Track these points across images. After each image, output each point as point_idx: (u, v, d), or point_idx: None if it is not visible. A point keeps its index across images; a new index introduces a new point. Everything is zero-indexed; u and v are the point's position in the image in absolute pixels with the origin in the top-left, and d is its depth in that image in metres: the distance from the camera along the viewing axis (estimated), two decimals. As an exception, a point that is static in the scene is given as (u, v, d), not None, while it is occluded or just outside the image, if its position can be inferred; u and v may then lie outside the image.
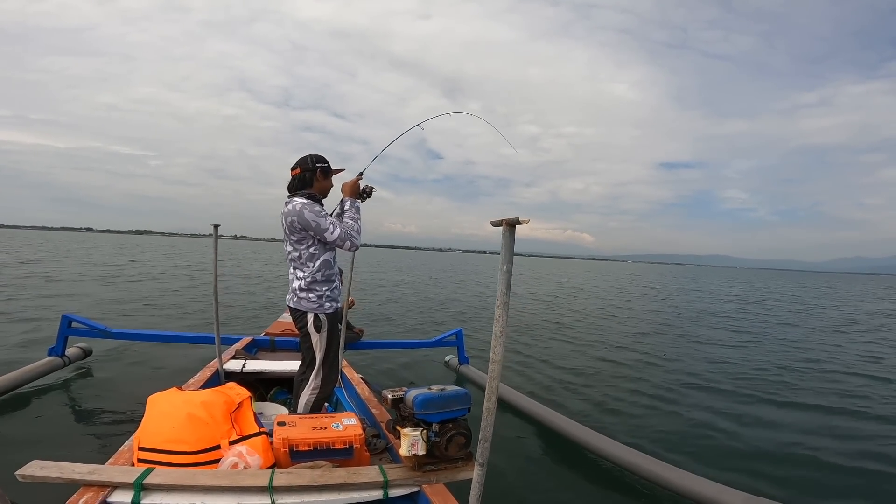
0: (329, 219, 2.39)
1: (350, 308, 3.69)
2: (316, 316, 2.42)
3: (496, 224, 1.14)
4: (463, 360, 5.16)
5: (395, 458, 2.13)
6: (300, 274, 2.44)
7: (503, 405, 4.06)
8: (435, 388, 1.81)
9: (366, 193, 2.61)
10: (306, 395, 2.49)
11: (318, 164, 2.46)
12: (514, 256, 1.17)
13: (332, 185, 2.54)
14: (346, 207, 2.51)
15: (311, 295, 2.42)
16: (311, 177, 2.46)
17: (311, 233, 2.36)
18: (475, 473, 1.33)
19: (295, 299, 2.46)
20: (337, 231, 2.36)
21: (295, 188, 2.46)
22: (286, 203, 2.42)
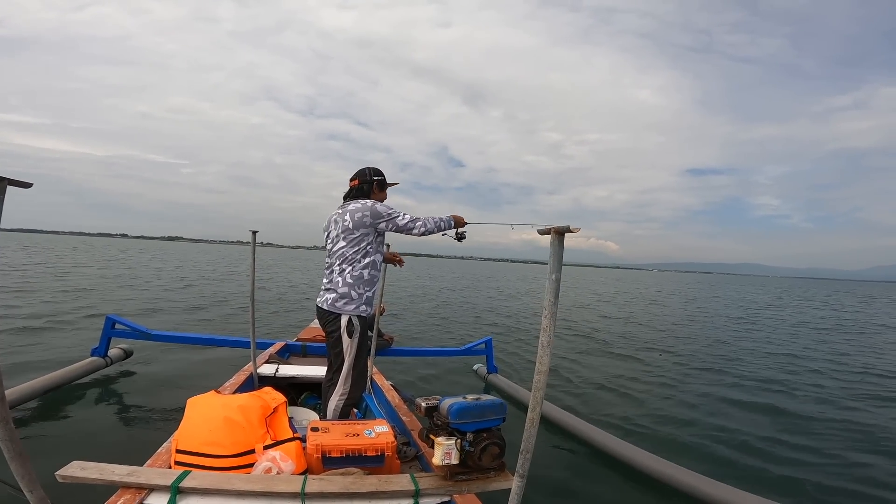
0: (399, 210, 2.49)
1: (381, 314, 3.70)
2: (350, 320, 2.42)
3: (543, 232, 1.05)
4: (492, 369, 5.09)
5: (426, 466, 2.09)
6: (347, 269, 2.46)
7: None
8: (470, 397, 1.76)
9: (459, 234, 2.68)
10: (335, 401, 2.49)
11: (376, 178, 2.57)
12: (534, 265, 1.08)
13: (386, 198, 2.62)
14: (443, 216, 2.59)
15: (352, 293, 2.44)
16: (368, 188, 2.57)
17: (383, 220, 2.44)
18: (514, 485, 1.28)
19: (329, 301, 2.46)
20: (408, 216, 2.46)
21: (352, 197, 2.57)
22: (345, 205, 2.52)
